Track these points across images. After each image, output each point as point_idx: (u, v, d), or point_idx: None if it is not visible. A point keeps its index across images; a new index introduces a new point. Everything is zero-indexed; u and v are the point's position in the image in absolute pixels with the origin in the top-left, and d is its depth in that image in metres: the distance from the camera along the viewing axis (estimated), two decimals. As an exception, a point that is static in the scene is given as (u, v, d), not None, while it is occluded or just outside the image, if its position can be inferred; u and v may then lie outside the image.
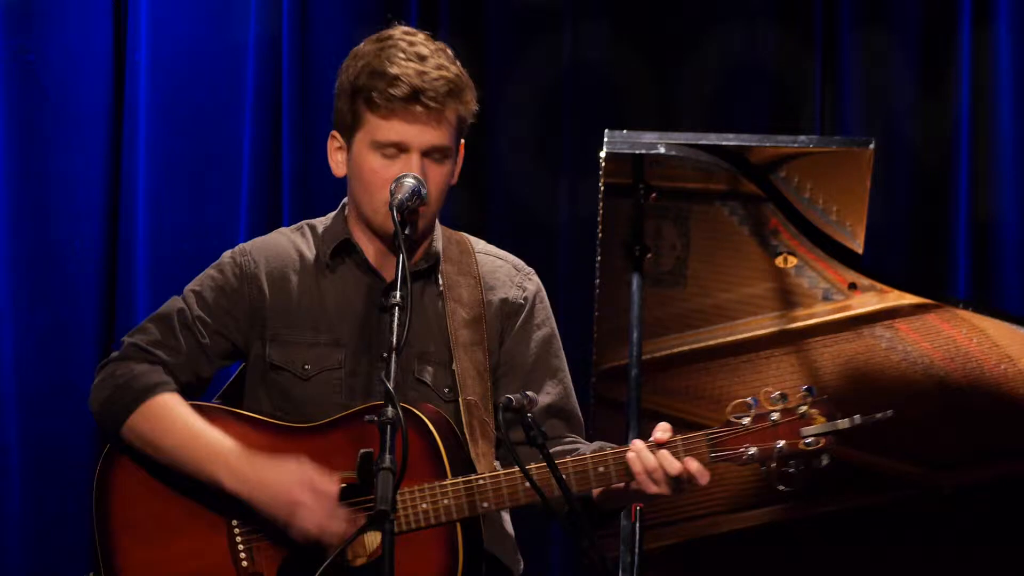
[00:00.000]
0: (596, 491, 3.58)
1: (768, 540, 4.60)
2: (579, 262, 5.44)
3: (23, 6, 5.66)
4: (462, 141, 3.70)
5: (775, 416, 3.42)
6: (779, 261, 4.39)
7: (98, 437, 5.62)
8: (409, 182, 3.55)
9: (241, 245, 3.79)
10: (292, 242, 3.77)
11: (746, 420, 3.45)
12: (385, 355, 3.29)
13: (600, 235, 4.31)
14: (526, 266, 3.84)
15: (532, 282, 3.81)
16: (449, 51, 3.67)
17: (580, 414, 3.80)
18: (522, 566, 3.77)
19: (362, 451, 3.31)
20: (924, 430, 4.46)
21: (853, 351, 4.43)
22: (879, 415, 3.49)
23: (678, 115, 5.70)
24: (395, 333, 3.29)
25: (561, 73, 5.76)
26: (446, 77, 3.58)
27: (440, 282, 3.71)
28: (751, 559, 4.66)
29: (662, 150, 4.22)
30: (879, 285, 4.37)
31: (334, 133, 3.69)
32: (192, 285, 3.74)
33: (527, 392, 3.42)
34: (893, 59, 5.69)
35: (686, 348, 4.49)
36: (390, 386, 3.22)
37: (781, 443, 3.41)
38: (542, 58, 5.74)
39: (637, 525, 4.25)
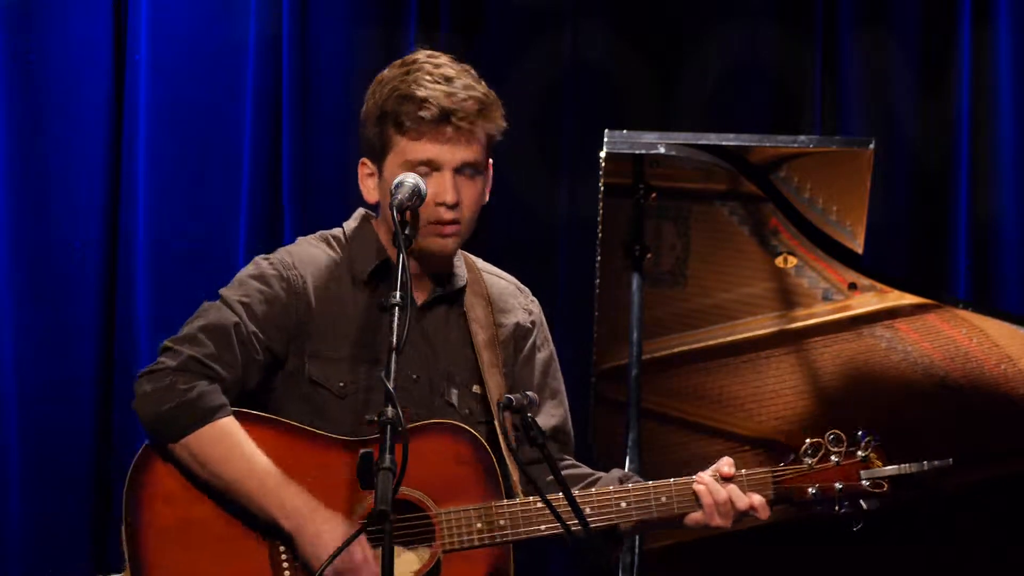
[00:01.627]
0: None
1: (768, 540, 4.60)
2: (579, 262, 5.43)
3: (23, 6, 5.65)
4: (490, 160, 3.71)
5: (835, 458, 3.51)
6: (779, 261, 4.39)
7: (98, 437, 5.64)
8: (409, 182, 3.55)
9: (281, 256, 3.74)
10: (328, 255, 3.74)
11: (809, 460, 3.54)
12: (387, 355, 3.30)
13: (600, 235, 4.31)
14: (524, 286, 3.86)
15: (535, 304, 3.84)
16: (473, 72, 3.68)
17: (572, 436, 3.83)
18: None
19: (362, 451, 3.31)
20: (924, 430, 4.46)
21: (853, 351, 4.43)
22: (938, 463, 3.58)
23: (678, 115, 5.70)
24: (395, 333, 3.29)
25: (561, 73, 5.75)
26: (475, 97, 3.59)
27: (464, 304, 3.72)
28: (751, 559, 4.66)
29: (662, 150, 4.22)
30: (879, 285, 4.37)
31: (364, 160, 3.68)
32: (238, 295, 3.68)
33: (527, 392, 3.44)
34: (893, 59, 5.69)
35: (686, 348, 4.49)
36: (390, 386, 3.21)
37: (840, 485, 3.51)
38: (542, 58, 5.73)
39: (637, 525, 4.25)
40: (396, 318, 3.30)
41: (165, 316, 5.42)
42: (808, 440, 3.59)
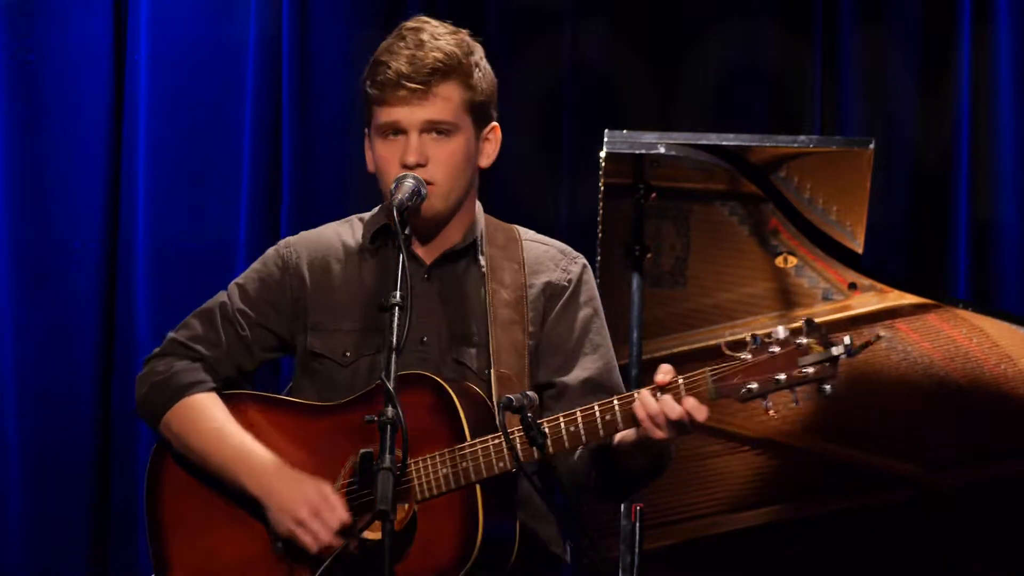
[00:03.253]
0: (616, 445, 3.57)
1: (768, 540, 4.61)
2: (579, 262, 5.43)
3: (23, 6, 5.66)
4: (494, 125, 3.72)
5: (774, 349, 3.38)
6: (779, 261, 4.39)
7: (98, 436, 5.65)
8: (409, 182, 3.57)
9: (287, 238, 3.83)
10: (337, 233, 3.80)
11: (745, 355, 3.42)
12: (386, 355, 3.30)
13: (600, 235, 4.31)
14: (573, 251, 3.84)
15: (577, 264, 3.80)
16: (462, 36, 3.69)
17: (623, 390, 3.76)
18: (566, 551, 3.75)
19: (362, 451, 3.33)
20: (924, 430, 4.47)
21: (853, 351, 4.43)
22: (873, 339, 3.46)
23: (678, 115, 5.70)
24: (395, 333, 3.30)
25: (561, 73, 5.75)
26: (436, 57, 3.62)
27: (483, 264, 3.73)
28: (751, 559, 4.67)
29: (662, 150, 4.22)
30: (879, 285, 4.37)
31: (366, 130, 3.73)
32: (238, 279, 3.79)
33: (527, 392, 3.44)
34: (893, 59, 5.69)
35: (686, 348, 4.49)
36: (390, 386, 3.24)
37: (781, 375, 3.38)
38: (542, 58, 5.73)
39: (637, 525, 4.26)
40: (396, 318, 3.32)
41: (165, 316, 5.42)
42: (745, 336, 3.44)
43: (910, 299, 4.36)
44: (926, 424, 4.46)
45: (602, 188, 4.25)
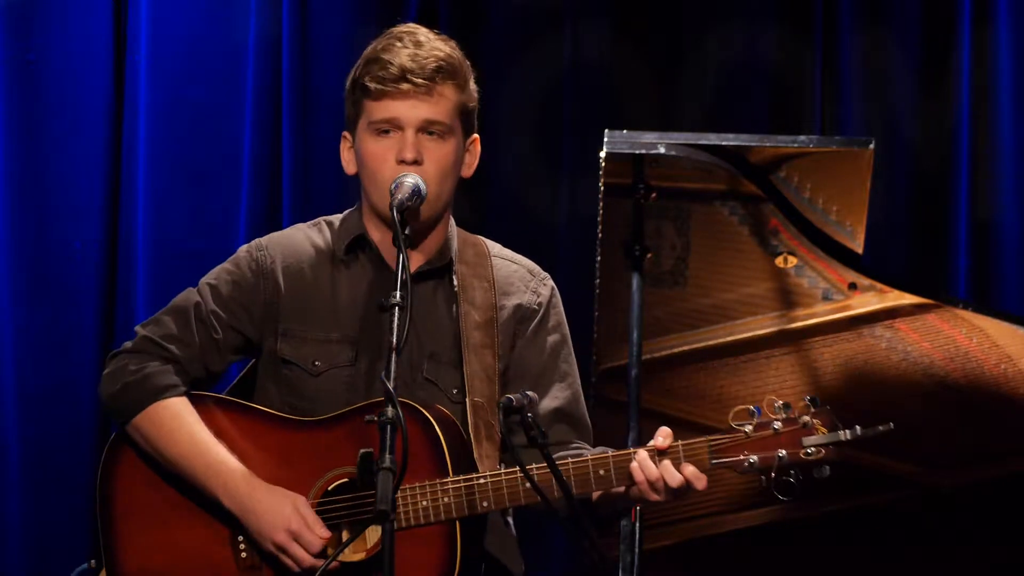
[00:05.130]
0: (596, 494, 3.58)
1: (768, 540, 4.60)
2: (579, 262, 5.43)
3: (23, 6, 5.66)
4: (475, 136, 3.72)
5: (777, 425, 3.38)
6: (779, 261, 4.39)
7: (98, 437, 5.64)
8: (409, 182, 3.56)
9: (258, 240, 3.81)
10: (308, 237, 3.78)
11: (748, 428, 3.42)
12: (387, 355, 3.30)
13: (600, 235, 4.31)
14: (541, 271, 3.84)
15: (546, 287, 3.81)
16: (454, 44, 3.70)
17: (588, 421, 3.79)
18: (523, 567, 3.77)
19: (362, 451, 3.32)
20: (924, 430, 4.46)
21: (853, 351, 4.43)
22: (880, 428, 3.46)
23: (678, 115, 5.70)
24: (395, 333, 3.30)
25: (561, 73, 5.75)
26: (438, 57, 3.63)
27: (455, 283, 3.72)
28: (751, 559, 4.66)
29: (662, 150, 4.22)
30: (879, 285, 4.37)
31: (344, 133, 3.72)
32: (208, 278, 3.76)
33: (527, 392, 3.43)
34: (893, 59, 5.69)
35: (686, 348, 4.49)
36: (390, 386, 3.23)
37: (782, 452, 3.38)
38: (542, 58, 5.73)
39: (637, 525, 4.25)
40: (396, 318, 3.31)
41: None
42: (748, 407, 3.45)
43: (910, 299, 4.36)
44: (926, 424, 4.46)
45: (602, 188, 4.25)
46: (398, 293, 3.34)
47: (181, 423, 3.64)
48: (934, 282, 5.62)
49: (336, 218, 3.81)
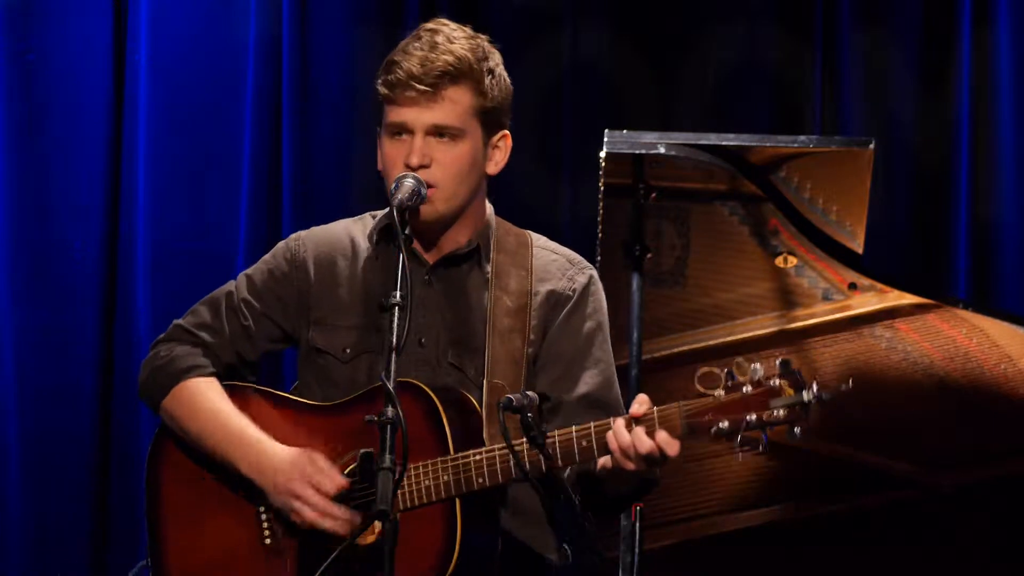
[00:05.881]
0: (598, 471, 3.58)
1: (768, 540, 4.61)
2: (579, 262, 5.43)
3: (23, 6, 5.66)
4: (504, 133, 3.73)
5: (747, 388, 3.38)
6: (779, 261, 4.39)
7: (99, 436, 5.65)
8: (409, 182, 3.57)
9: (297, 232, 3.86)
10: (347, 229, 3.82)
11: (719, 392, 3.41)
12: (387, 355, 3.31)
13: (600, 235, 4.31)
14: (583, 261, 3.83)
15: (584, 275, 3.79)
16: (478, 43, 3.69)
17: (623, 407, 3.76)
18: (568, 555, 3.74)
19: (362, 451, 3.33)
20: (924, 430, 4.47)
21: (853, 351, 4.43)
22: (842, 387, 3.44)
23: (678, 115, 5.70)
24: (395, 333, 3.31)
25: (561, 73, 5.75)
26: (447, 60, 3.62)
27: (488, 270, 3.73)
28: (751, 559, 4.67)
29: (662, 150, 4.22)
30: (879, 285, 4.37)
31: (377, 128, 3.74)
32: (248, 269, 3.83)
33: (527, 392, 3.44)
34: (893, 59, 5.69)
35: (686, 348, 4.49)
36: (390, 386, 3.24)
37: (751, 416, 3.37)
38: (542, 58, 5.73)
39: (637, 525, 4.26)
40: (396, 318, 3.32)
41: (165, 316, 5.40)
42: (717, 370, 3.43)
43: (910, 299, 4.37)
44: (926, 424, 4.46)
45: (602, 188, 4.26)
46: (398, 293, 3.36)
47: (204, 399, 3.70)
48: (934, 282, 5.62)
49: (381, 212, 3.83)
